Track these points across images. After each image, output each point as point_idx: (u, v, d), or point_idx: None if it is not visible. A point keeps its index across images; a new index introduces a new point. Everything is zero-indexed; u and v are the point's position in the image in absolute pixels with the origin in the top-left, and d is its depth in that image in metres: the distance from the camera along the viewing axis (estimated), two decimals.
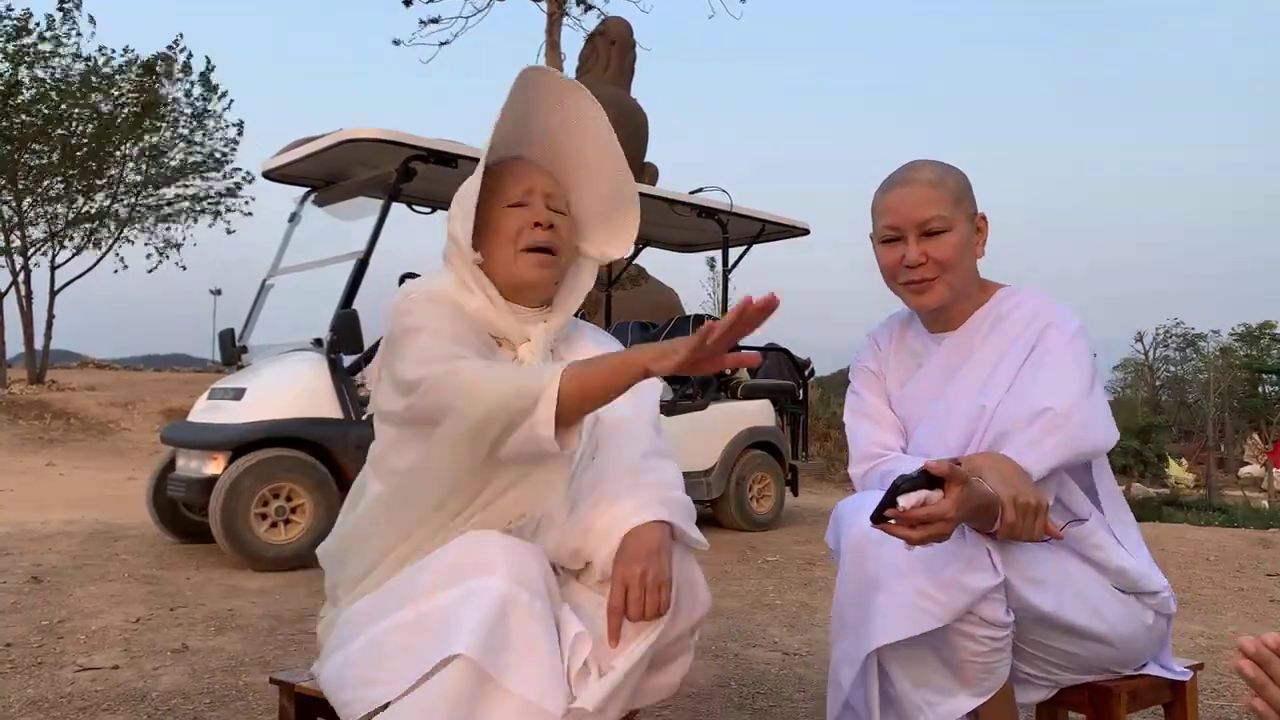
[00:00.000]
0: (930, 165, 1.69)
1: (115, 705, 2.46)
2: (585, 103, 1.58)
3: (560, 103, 1.58)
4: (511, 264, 1.55)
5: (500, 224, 1.55)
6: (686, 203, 6.46)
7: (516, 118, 1.56)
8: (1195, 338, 48.58)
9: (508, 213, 1.55)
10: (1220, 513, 12.35)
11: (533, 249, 1.55)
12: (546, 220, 1.55)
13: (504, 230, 1.55)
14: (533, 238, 1.54)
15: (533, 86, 1.54)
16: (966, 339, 1.70)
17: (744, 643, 3.21)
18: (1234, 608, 4.06)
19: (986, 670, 1.49)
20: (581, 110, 1.58)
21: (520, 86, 1.52)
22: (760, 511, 6.46)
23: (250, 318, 5.66)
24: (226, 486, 4.35)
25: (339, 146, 5.03)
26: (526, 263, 1.55)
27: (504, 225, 1.55)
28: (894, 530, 1.35)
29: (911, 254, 1.65)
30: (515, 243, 1.54)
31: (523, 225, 1.54)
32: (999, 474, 1.44)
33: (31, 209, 17.14)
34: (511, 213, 1.55)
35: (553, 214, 1.57)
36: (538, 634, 1.27)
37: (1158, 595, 1.66)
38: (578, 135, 1.60)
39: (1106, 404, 1.63)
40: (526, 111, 1.57)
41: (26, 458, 10.27)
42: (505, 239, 1.54)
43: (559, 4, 14.02)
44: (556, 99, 1.57)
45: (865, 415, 1.78)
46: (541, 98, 1.56)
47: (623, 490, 1.44)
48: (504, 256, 1.55)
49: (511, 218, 1.55)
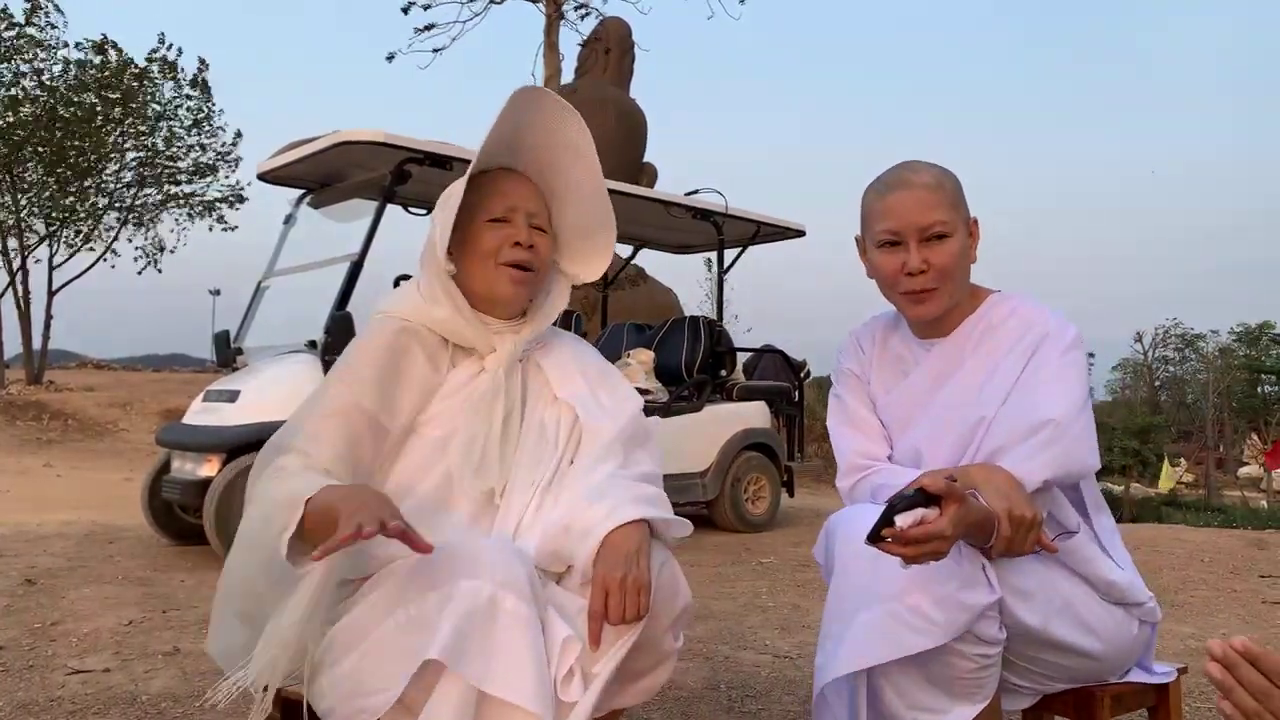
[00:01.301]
0: (927, 167, 1.64)
1: (105, 708, 2.47)
2: (577, 126, 1.60)
3: (553, 122, 1.59)
4: (489, 278, 1.57)
5: (481, 238, 1.57)
6: (682, 204, 6.47)
7: (510, 128, 1.57)
8: (1194, 338, 48.67)
9: (489, 227, 1.57)
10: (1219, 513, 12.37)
11: (511, 265, 1.56)
12: (527, 240, 1.57)
13: (485, 245, 1.56)
14: (513, 255, 1.56)
15: (529, 104, 1.56)
16: (957, 347, 1.66)
17: (734, 645, 3.21)
18: (1226, 609, 4.06)
19: (977, 685, 1.47)
20: (573, 132, 1.60)
21: (516, 103, 1.53)
22: (755, 513, 6.47)
23: (246, 319, 5.67)
24: (221, 488, 4.36)
25: (334, 149, 5.04)
26: (504, 278, 1.57)
27: (485, 240, 1.56)
28: (890, 549, 1.32)
29: (913, 261, 1.59)
30: (495, 258, 1.56)
31: (503, 242, 1.56)
32: (994, 487, 1.42)
33: (28, 208, 17.15)
34: (493, 228, 1.57)
35: (534, 232, 1.59)
36: (522, 637, 1.27)
37: (1143, 605, 1.66)
38: (568, 155, 1.62)
39: (1093, 425, 1.60)
40: (519, 124, 1.58)
41: (24, 458, 10.27)
42: (485, 253, 1.56)
43: (557, 6, 14.02)
44: (552, 118, 1.59)
45: (849, 423, 1.75)
46: (536, 114, 1.58)
47: (600, 492, 1.45)
48: (482, 270, 1.57)
49: (493, 233, 1.56)
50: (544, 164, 1.63)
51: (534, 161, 1.63)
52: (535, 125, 1.59)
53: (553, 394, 1.63)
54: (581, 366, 1.67)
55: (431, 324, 1.57)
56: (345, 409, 1.49)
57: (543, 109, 1.58)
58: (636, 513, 1.41)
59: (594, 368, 1.69)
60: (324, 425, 1.47)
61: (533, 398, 1.62)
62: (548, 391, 1.63)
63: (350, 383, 1.51)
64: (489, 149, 1.56)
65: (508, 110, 1.53)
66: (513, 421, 1.57)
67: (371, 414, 1.50)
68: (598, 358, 1.74)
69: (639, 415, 1.65)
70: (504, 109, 1.52)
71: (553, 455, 1.56)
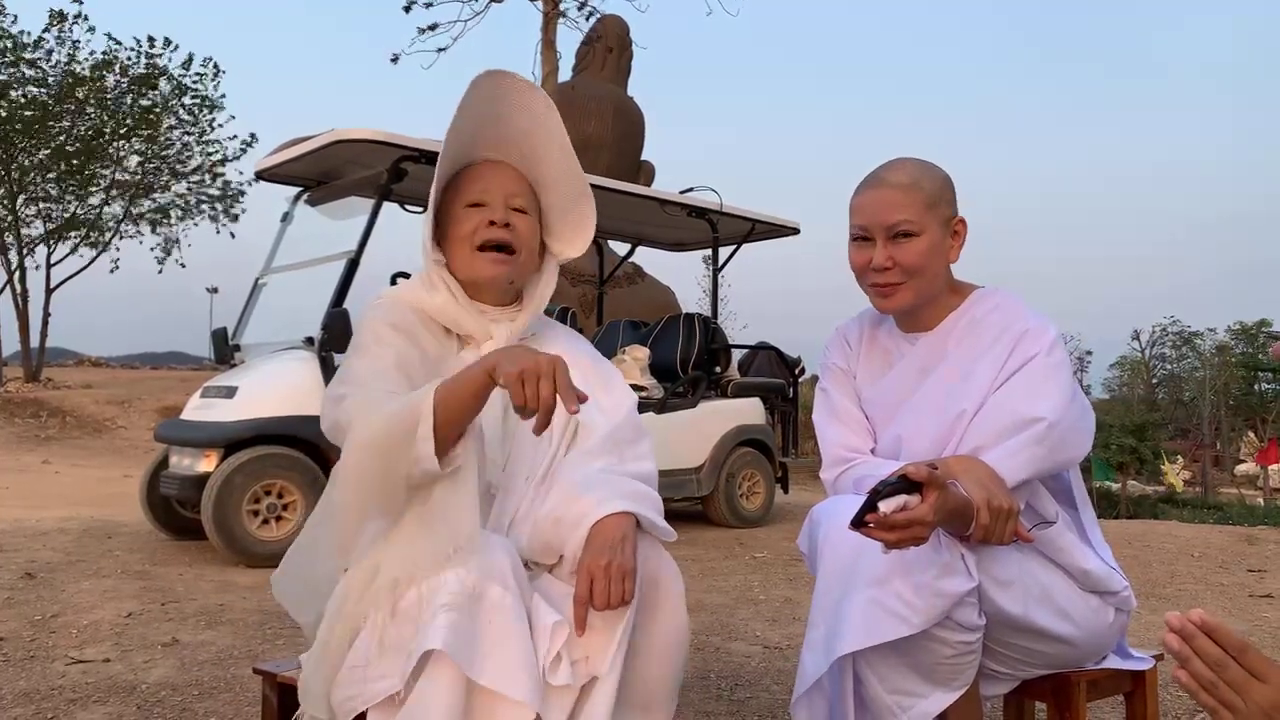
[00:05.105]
0: (907, 166, 1.68)
1: (105, 697, 2.51)
2: (543, 100, 1.63)
3: (526, 103, 1.62)
4: (468, 261, 1.60)
5: (459, 222, 1.61)
6: (677, 202, 6.50)
7: (491, 119, 1.60)
8: (1191, 336, 48.67)
9: (466, 212, 1.60)
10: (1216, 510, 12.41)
11: (487, 246, 1.59)
12: (502, 219, 1.60)
13: (463, 228, 1.60)
14: (488, 235, 1.59)
15: (500, 89, 1.59)
16: (940, 340, 1.70)
17: (726, 636, 3.26)
18: (1213, 602, 4.10)
19: (956, 671, 1.51)
20: (542, 109, 1.63)
21: (486, 92, 1.57)
22: (750, 508, 6.51)
23: (243, 316, 5.70)
24: (219, 484, 4.39)
25: (330, 147, 5.07)
26: (482, 261, 1.60)
27: (463, 224, 1.60)
28: (872, 534, 1.35)
29: (878, 257, 1.65)
30: (471, 240, 1.59)
31: (479, 224, 1.59)
32: (973, 477, 1.46)
33: (25, 207, 17.17)
34: (470, 212, 1.60)
35: (513, 213, 1.62)
36: (508, 626, 1.29)
37: (1118, 594, 1.69)
38: (543, 135, 1.64)
39: (1088, 410, 1.64)
40: (497, 113, 1.60)
41: (23, 456, 10.30)
42: (463, 237, 1.60)
43: (555, 4, 14.04)
44: (522, 100, 1.62)
45: (834, 416, 1.78)
46: (509, 99, 1.61)
47: (591, 485, 1.48)
48: (462, 254, 1.61)
49: (470, 217, 1.60)
50: (527, 149, 1.65)
51: (519, 146, 1.65)
52: (514, 111, 1.61)
53: None
54: (578, 361, 1.66)
55: (432, 311, 1.60)
56: (385, 370, 1.48)
57: (509, 93, 1.60)
58: (625, 506, 1.44)
59: (589, 364, 1.70)
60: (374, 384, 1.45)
61: None
62: None
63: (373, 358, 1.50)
64: (464, 141, 1.60)
65: (477, 101, 1.56)
66: (511, 412, 1.58)
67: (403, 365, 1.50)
68: (592, 353, 1.75)
69: (633, 413, 1.67)
70: (469, 98, 1.55)
71: (548, 449, 1.58)
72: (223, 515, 4.38)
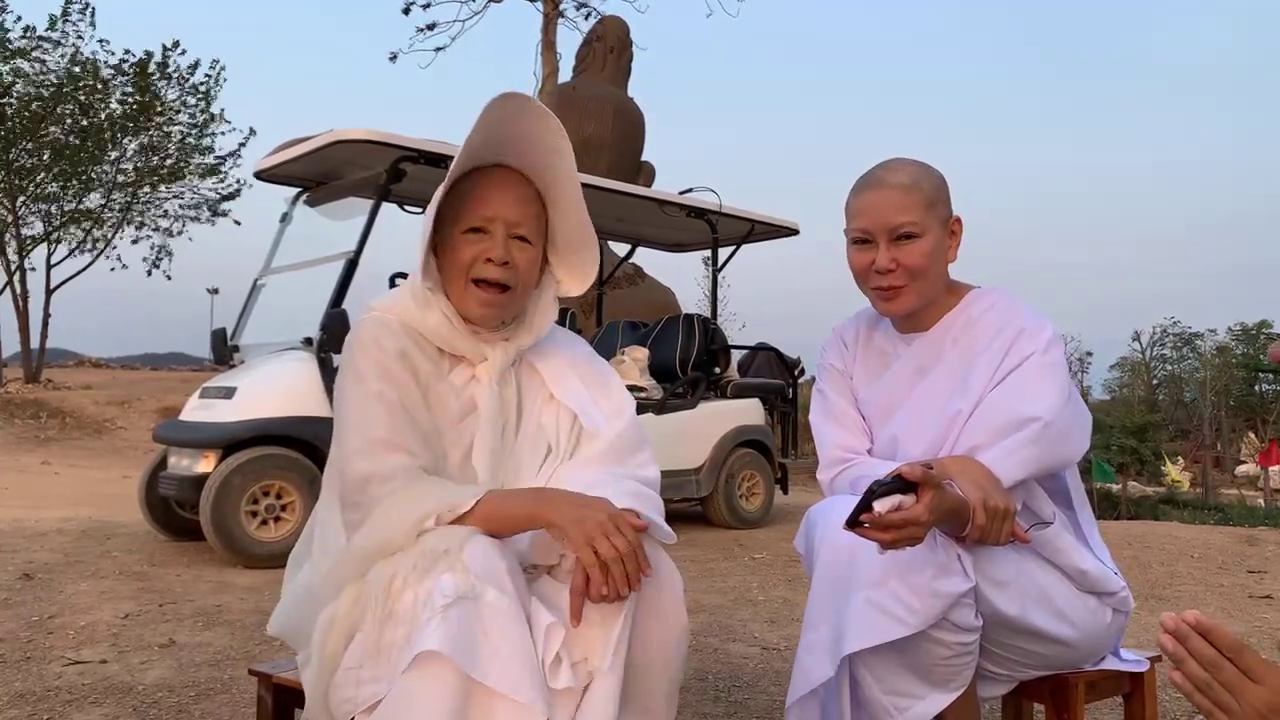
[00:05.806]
0: (905, 167, 1.66)
1: (101, 698, 2.50)
2: (562, 132, 1.55)
3: (546, 123, 1.54)
4: (460, 294, 1.53)
5: (458, 248, 1.52)
6: (676, 203, 6.50)
7: (500, 121, 1.51)
8: (1192, 336, 48.63)
9: (465, 239, 1.51)
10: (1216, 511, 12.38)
11: (483, 282, 1.51)
12: (502, 256, 1.50)
13: (460, 256, 1.51)
14: (483, 272, 1.50)
15: (523, 109, 1.51)
16: (937, 341, 1.70)
17: (724, 637, 3.25)
18: (1212, 603, 4.10)
19: (954, 672, 1.50)
20: (558, 139, 1.55)
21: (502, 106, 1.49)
22: (749, 509, 6.50)
23: (242, 317, 5.70)
24: (217, 484, 4.39)
25: (329, 147, 5.07)
26: (474, 297, 1.52)
27: (460, 252, 1.51)
28: (867, 534, 1.35)
29: (881, 260, 1.63)
30: (467, 272, 1.51)
31: (477, 256, 1.50)
32: (969, 478, 1.45)
33: (24, 207, 17.17)
34: (469, 240, 1.51)
35: (515, 243, 1.53)
36: (505, 627, 1.28)
37: (1116, 595, 1.69)
38: (557, 160, 1.56)
39: (1084, 410, 1.63)
40: (504, 117, 1.51)
41: (22, 456, 10.29)
42: (460, 266, 1.51)
43: (555, 4, 14.02)
44: (543, 120, 1.54)
45: (831, 417, 1.78)
46: (523, 117, 1.52)
47: (594, 485, 1.46)
48: (455, 284, 1.53)
49: (469, 245, 1.51)
50: (540, 163, 1.56)
51: (530, 155, 1.56)
52: (525, 129, 1.53)
53: (549, 393, 1.61)
54: (576, 366, 1.65)
55: (424, 331, 1.52)
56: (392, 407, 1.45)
57: (529, 114, 1.52)
58: (627, 504, 1.42)
59: (589, 368, 1.67)
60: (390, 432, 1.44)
61: (529, 400, 1.60)
62: (544, 391, 1.61)
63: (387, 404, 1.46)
64: (475, 148, 1.51)
65: (494, 112, 1.48)
66: (509, 433, 1.57)
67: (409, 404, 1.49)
68: (591, 356, 1.72)
69: (634, 420, 1.64)
70: (488, 111, 1.48)
71: (553, 456, 1.57)
72: (221, 516, 4.38)
